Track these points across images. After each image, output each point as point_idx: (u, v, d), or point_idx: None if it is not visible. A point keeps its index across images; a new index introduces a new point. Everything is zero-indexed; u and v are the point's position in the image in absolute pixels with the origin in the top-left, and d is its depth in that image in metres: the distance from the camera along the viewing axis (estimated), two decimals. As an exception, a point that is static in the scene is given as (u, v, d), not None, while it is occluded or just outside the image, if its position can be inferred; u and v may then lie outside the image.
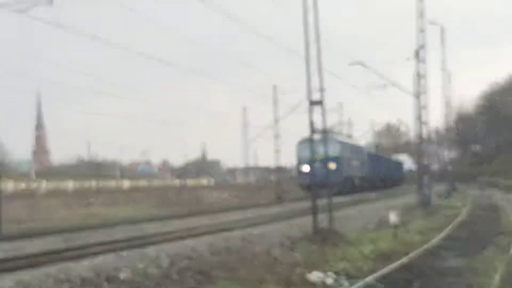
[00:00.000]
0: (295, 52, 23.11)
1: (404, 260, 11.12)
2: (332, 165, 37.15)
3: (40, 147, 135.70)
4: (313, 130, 17.90)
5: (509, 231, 15.67)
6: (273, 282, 9.42)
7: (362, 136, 74.74)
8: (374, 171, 55.48)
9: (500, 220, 20.11)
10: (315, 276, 9.78)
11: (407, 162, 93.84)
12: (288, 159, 69.67)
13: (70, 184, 64.88)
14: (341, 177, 40.43)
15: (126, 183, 78.05)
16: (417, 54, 28.22)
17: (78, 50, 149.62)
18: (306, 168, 39.40)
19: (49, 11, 16.56)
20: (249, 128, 51.49)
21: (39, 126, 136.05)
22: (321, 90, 16.82)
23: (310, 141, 42.51)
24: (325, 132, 39.12)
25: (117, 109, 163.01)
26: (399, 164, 79.78)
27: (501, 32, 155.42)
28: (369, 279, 9.21)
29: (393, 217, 19.62)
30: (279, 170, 54.85)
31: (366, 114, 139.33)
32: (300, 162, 41.68)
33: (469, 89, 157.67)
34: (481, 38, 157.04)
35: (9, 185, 52.97)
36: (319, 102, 17.15)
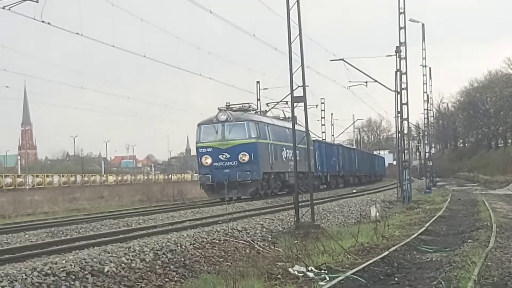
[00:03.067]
0: (279, 50, 23.34)
1: (384, 254, 11.30)
2: (244, 156, 27.96)
3: (26, 142, 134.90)
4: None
5: (488, 226, 15.93)
6: (255, 276, 9.57)
7: (345, 131, 75.08)
8: (330, 167, 44.22)
9: (480, 214, 20.41)
10: (297, 269, 9.95)
11: (388, 157, 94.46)
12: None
13: (55, 179, 64.69)
14: (259, 172, 28.32)
15: (110, 178, 77.92)
16: (397, 51, 28.49)
17: (63, 46, 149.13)
18: (207, 161, 28.56)
19: (34, 7, 16.61)
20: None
21: (25, 121, 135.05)
22: (303, 86, 16.98)
23: (215, 122, 28.52)
24: (239, 110, 29.41)
25: (102, 104, 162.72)
26: (379, 159, 79.34)
27: (484, 29, 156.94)
28: (350, 273, 9.38)
29: (373, 212, 19.94)
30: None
31: (347, 110, 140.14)
32: (201, 152, 28.86)
33: (449, 85, 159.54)
34: (461, 35, 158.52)
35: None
36: (302, 98, 17.31)
